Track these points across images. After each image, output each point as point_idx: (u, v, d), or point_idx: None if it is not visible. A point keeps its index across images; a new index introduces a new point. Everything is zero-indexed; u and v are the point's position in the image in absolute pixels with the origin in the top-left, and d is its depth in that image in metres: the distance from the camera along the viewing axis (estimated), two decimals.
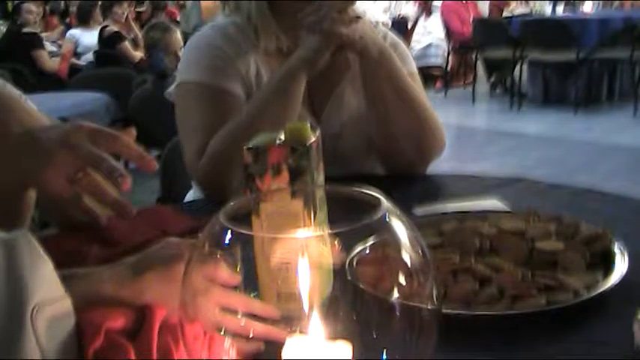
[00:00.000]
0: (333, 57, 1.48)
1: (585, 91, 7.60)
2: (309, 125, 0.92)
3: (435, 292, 0.70)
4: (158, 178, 2.39)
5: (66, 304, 0.69)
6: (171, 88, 1.66)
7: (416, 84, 1.61)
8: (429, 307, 0.70)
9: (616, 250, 1.04)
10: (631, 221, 0.91)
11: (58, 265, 0.76)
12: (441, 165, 1.64)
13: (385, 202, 0.71)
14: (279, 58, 1.57)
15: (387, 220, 0.69)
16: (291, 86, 1.46)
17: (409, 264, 0.69)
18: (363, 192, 0.74)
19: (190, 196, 1.86)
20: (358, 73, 1.56)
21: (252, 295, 0.84)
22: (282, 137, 0.91)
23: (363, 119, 1.59)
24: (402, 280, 0.70)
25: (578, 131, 6.71)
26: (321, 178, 0.94)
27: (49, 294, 0.67)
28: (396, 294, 0.70)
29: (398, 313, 0.70)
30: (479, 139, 6.89)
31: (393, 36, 1.71)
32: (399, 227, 0.70)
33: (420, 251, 0.70)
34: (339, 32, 1.44)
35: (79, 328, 0.68)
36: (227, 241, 0.69)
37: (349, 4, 1.47)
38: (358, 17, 1.47)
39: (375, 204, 0.71)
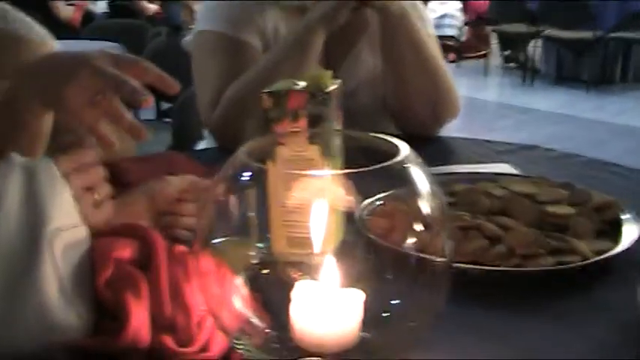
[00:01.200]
0: (353, 14, 1.47)
1: (599, 70, 7.55)
2: (329, 73, 0.92)
3: (448, 245, 0.71)
4: (169, 131, 2.40)
5: (82, 231, 0.69)
6: (189, 37, 1.66)
7: (434, 46, 1.60)
8: (443, 260, 0.71)
9: (626, 219, 1.04)
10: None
11: None
12: (451, 135, 1.64)
13: (405, 149, 0.71)
14: (298, 15, 1.57)
15: (407, 166, 0.69)
16: (309, 40, 1.46)
17: (426, 213, 0.69)
18: (383, 139, 0.74)
19: (202, 147, 1.87)
20: (376, 32, 1.55)
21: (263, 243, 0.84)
22: (302, 83, 0.91)
23: (379, 79, 1.59)
24: (417, 229, 0.71)
25: (589, 110, 6.68)
26: (339, 125, 0.94)
27: (66, 220, 0.68)
28: (410, 244, 0.71)
29: (411, 264, 0.71)
30: (490, 112, 6.86)
31: None
32: (419, 175, 0.70)
33: (438, 201, 0.70)
34: None
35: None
36: (246, 178, 0.69)
37: None
38: None
39: (394, 152, 0.72)
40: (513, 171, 1.32)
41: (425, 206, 0.69)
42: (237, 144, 1.40)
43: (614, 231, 1.02)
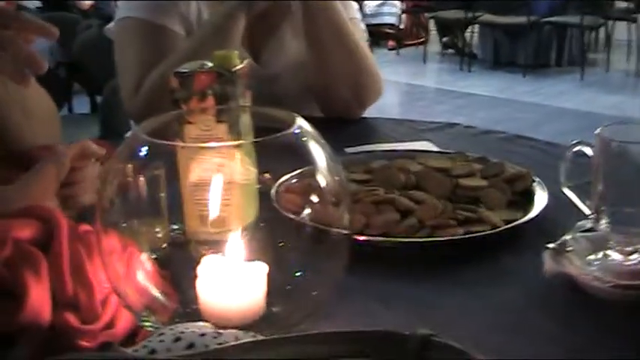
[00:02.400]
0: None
1: (534, 54, 7.67)
2: (236, 53, 0.92)
3: (346, 216, 0.72)
4: (98, 119, 2.38)
5: None
6: (111, 25, 1.64)
7: (356, 30, 1.61)
8: (339, 230, 0.72)
9: (536, 189, 1.07)
10: (556, 166, 0.95)
11: None
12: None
13: (300, 121, 0.72)
14: (221, 0, 1.56)
15: (301, 137, 0.71)
16: (228, 26, 1.46)
17: (323, 185, 0.71)
18: (280, 112, 0.75)
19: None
20: (300, 16, 1.55)
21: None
22: (210, 64, 0.91)
23: (303, 62, 1.59)
24: (314, 201, 0.72)
25: (525, 94, 6.79)
26: (247, 103, 0.94)
27: None
28: (308, 216, 0.72)
29: (310, 235, 0.73)
30: (429, 98, 6.93)
31: None
32: (315, 148, 0.72)
33: (334, 174, 0.72)
34: None
35: None
36: (144, 155, 0.70)
37: None
38: None
39: (290, 123, 0.73)
40: (433, 148, 1.34)
41: (321, 179, 0.70)
42: None
43: (525, 201, 1.05)
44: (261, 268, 0.71)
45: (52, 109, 1.39)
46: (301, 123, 0.72)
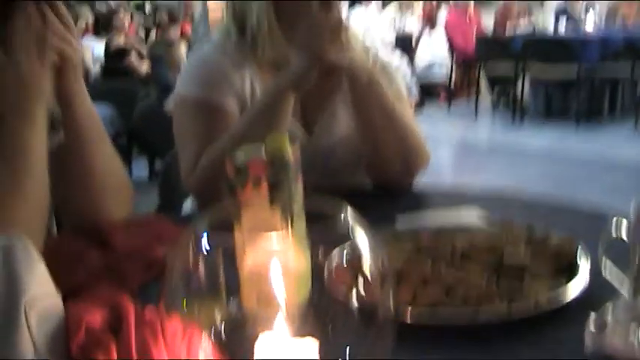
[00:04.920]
0: (324, 76, 1.54)
1: (587, 105, 7.65)
2: (287, 138, 0.98)
3: (391, 296, 0.78)
4: (156, 185, 2.46)
5: (56, 301, 0.75)
6: (171, 100, 1.73)
7: (402, 102, 1.67)
8: (386, 311, 0.77)
9: (580, 262, 1.10)
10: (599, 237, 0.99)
11: (59, 266, 0.83)
12: (440, 179, 1.71)
13: (349, 213, 0.78)
14: (273, 73, 1.64)
15: (349, 223, 0.76)
16: (277, 104, 1.53)
17: (369, 270, 0.76)
18: (330, 205, 0.81)
19: (188, 205, 1.93)
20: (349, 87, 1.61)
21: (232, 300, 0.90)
22: (263, 150, 0.97)
23: (355, 135, 1.65)
24: (361, 281, 0.78)
25: (579, 146, 6.76)
26: (299, 190, 1.00)
27: (40, 290, 0.74)
28: (355, 295, 0.78)
29: (357, 314, 0.78)
30: (480, 153, 6.94)
31: (383, 56, 1.77)
32: (362, 237, 0.77)
33: (379, 260, 0.77)
34: (327, 56, 1.49)
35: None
36: (206, 246, 0.76)
37: (342, 27, 1.52)
38: (348, 42, 1.52)
39: (340, 215, 0.79)
40: (480, 217, 1.38)
41: (366, 262, 0.76)
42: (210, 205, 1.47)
43: (570, 269, 1.08)
44: (312, 345, 0.76)
45: (127, 184, 1.47)
46: (349, 211, 0.78)
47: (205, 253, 0.78)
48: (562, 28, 8.20)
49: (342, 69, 1.52)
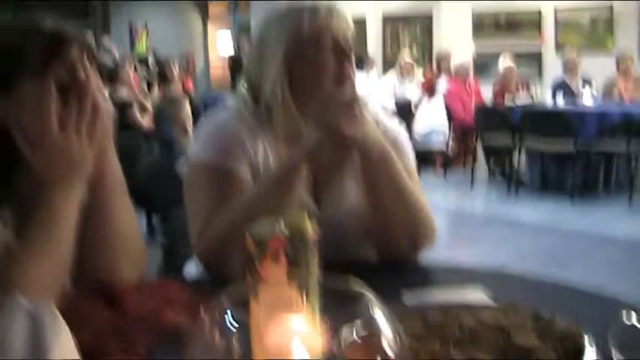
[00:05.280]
0: (335, 150, 1.57)
1: (582, 180, 7.71)
2: (307, 216, 1.00)
3: None
4: (159, 246, 2.48)
5: None
6: (183, 163, 1.75)
7: (412, 177, 1.70)
8: None
9: (587, 347, 1.11)
10: (605, 320, 1.00)
11: (71, 324, 0.85)
12: (435, 251, 1.73)
13: (369, 295, 0.80)
14: (288, 145, 1.67)
15: (370, 310, 0.78)
16: (290, 177, 1.56)
17: (389, 352, 0.78)
18: (351, 285, 0.83)
19: (190, 267, 1.95)
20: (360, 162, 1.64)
21: None
22: (282, 226, 0.99)
23: (363, 208, 1.68)
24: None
25: (574, 219, 6.79)
26: (315, 267, 1.01)
27: (67, 357, 0.75)
28: None
29: None
30: (475, 225, 6.96)
31: (394, 129, 1.81)
32: (380, 317, 0.79)
33: (398, 341, 0.79)
34: (341, 131, 1.51)
35: None
36: (230, 323, 0.77)
37: (356, 101, 1.55)
38: (362, 116, 1.55)
39: (360, 296, 0.81)
40: (485, 297, 1.39)
41: (384, 342, 0.78)
42: (221, 273, 1.51)
43: (576, 356, 1.09)
44: None
45: (142, 247, 1.49)
46: (368, 295, 0.80)
47: (228, 329, 0.79)
48: (560, 102, 8.30)
49: (355, 143, 1.55)
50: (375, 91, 9.56)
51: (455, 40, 10.79)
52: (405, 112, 9.36)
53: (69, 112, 1.27)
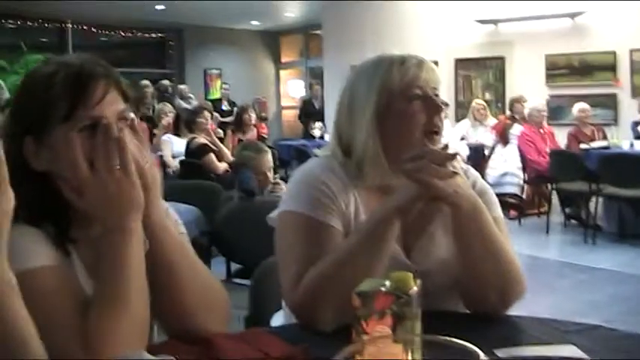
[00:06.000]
0: (427, 203, 1.60)
1: None
2: (412, 275, 1.04)
3: None
4: (239, 292, 2.51)
5: None
6: (274, 214, 1.79)
7: (500, 230, 1.71)
8: None
9: None
10: None
11: None
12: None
13: (472, 349, 0.82)
14: (378, 196, 1.70)
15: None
16: (383, 231, 1.58)
17: None
18: (458, 343, 0.86)
19: (279, 317, 1.98)
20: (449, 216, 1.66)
21: None
22: (388, 284, 1.03)
23: (452, 259, 1.69)
24: None
25: None
26: (419, 323, 1.05)
27: None
28: None
29: None
30: (551, 271, 6.85)
31: (482, 182, 1.84)
32: None
33: None
34: (435, 185, 1.54)
35: None
36: None
37: (449, 158, 1.58)
38: (455, 172, 1.57)
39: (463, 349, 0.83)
40: (578, 353, 1.40)
41: None
42: (315, 325, 1.54)
43: None
44: None
45: (222, 296, 1.54)
46: (472, 349, 0.82)
47: None
48: (638, 146, 8.15)
49: (448, 197, 1.57)
50: (450, 137, 9.54)
51: (528, 83, 10.71)
52: (478, 157, 9.31)
53: (97, 153, 1.32)
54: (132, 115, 1.41)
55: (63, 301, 1.29)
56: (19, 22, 13.18)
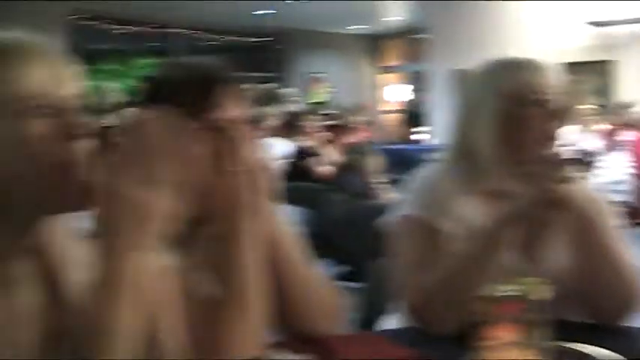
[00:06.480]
0: (547, 209, 1.57)
1: None
2: (544, 281, 1.02)
3: None
4: (354, 296, 2.52)
5: None
6: (390, 218, 1.80)
7: (618, 238, 1.68)
8: None
9: None
10: None
11: None
12: None
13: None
14: (493, 201, 1.69)
15: None
16: (502, 237, 1.57)
17: None
18: (599, 352, 0.84)
19: (389, 320, 1.98)
20: (572, 224, 1.64)
21: None
22: (516, 289, 1.02)
23: (571, 268, 1.66)
24: None
25: None
26: (548, 329, 1.03)
27: None
28: None
29: None
30: None
31: (595, 190, 1.80)
32: None
33: None
34: (555, 191, 1.52)
35: None
36: None
37: (568, 164, 1.56)
38: (573, 178, 1.55)
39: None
40: None
41: None
42: (434, 329, 1.54)
43: None
44: None
45: (333, 298, 1.55)
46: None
47: None
48: None
49: (568, 203, 1.54)
50: (562, 142, 9.31)
51: (637, 88, 10.37)
52: (586, 163, 9.07)
53: (216, 154, 1.32)
54: (249, 118, 1.43)
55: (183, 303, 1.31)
56: (127, 29, 13.58)
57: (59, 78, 1.10)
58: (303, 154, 7.08)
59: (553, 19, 10.97)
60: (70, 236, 1.25)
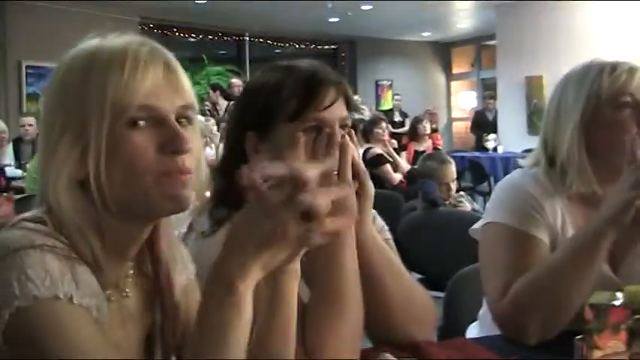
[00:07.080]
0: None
1: None
2: None
3: None
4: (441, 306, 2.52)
5: None
6: (477, 226, 1.80)
7: None
8: None
9: None
10: None
11: None
12: None
13: None
14: (583, 206, 1.68)
15: None
16: (596, 245, 1.55)
17: None
18: None
19: (474, 328, 1.98)
20: None
21: None
22: (622, 298, 1.02)
23: None
24: None
25: None
26: None
27: None
28: None
29: None
30: None
31: None
32: None
33: None
34: None
35: None
36: None
37: None
38: None
39: None
40: None
41: None
42: (521, 335, 1.53)
43: None
44: None
45: (428, 305, 1.55)
46: None
47: None
48: None
49: None
50: None
51: None
52: None
53: (317, 155, 1.34)
54: (351, 123, 1.45)
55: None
56: (200, 36, 13.77)
57: (172, 87, 1.10)
58: (374, 161, 7.07)
59: (628, 20, 10.63)
60: (174, 238, 1.28)
